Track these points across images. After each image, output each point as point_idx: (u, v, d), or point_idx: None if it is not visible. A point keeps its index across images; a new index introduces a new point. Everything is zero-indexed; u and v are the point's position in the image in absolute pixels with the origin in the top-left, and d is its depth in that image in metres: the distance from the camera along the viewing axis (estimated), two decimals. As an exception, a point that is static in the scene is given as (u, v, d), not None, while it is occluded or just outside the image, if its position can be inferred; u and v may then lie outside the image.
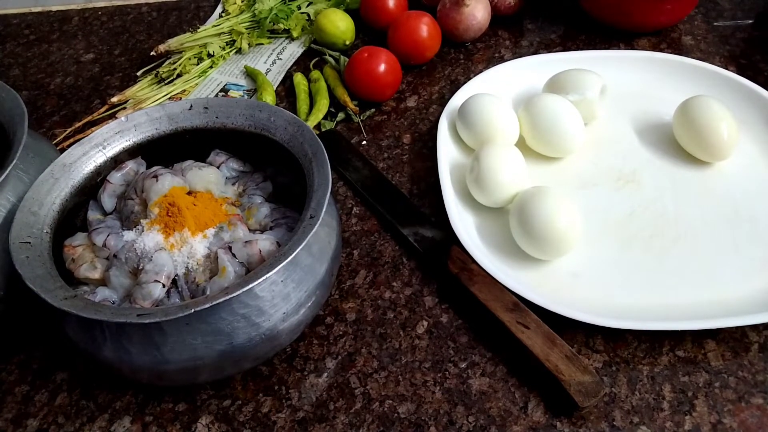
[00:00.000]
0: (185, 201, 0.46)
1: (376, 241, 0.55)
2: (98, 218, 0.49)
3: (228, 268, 0.43)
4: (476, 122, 0.58)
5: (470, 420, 0.44)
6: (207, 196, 0.48)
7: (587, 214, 0.53)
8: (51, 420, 0.46)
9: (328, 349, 0.48)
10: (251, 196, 0.49)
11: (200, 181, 0.49)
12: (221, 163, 0.51)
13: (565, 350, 0.44)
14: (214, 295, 0.39)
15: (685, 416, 0.43)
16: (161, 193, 0.47)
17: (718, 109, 0.56)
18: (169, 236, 0.45)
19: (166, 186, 0.47)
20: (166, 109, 0.51)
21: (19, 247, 0.42)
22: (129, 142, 0.51)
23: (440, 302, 0.51)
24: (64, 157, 0.49)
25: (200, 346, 0.40)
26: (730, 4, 0.76)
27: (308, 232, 0.40)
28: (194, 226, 0.45)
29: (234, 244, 0.44)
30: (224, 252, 0.44)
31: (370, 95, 0.67)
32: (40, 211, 0.45)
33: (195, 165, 0.50)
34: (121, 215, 0.49)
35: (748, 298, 0.48)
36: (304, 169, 0.46)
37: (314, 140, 0.46)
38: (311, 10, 0.79)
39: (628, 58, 0.67)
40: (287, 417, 0.45)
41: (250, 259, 0.44)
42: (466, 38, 0.72)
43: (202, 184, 0.49)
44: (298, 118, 0.48)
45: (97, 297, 0.43)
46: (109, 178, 0.50)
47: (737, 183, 0.56)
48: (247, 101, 0.51)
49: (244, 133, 0.50)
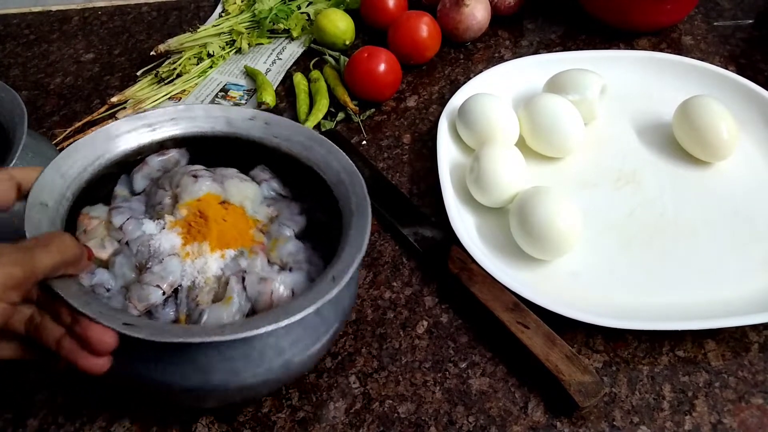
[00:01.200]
0: (216, 212, 0.44)
1: (376, 241, 0.55)
2: (124, 195, 0.47)
3: (234, 298, 0.41)
4: (476, 122, 0.58)
5: (470, 420, 0.44)
6: (239, 212, 0.45)
7: (587, 214, 0.53)
8: (51, 420, 0.45)
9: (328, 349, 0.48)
10: (282, 226, 0.46)
11: (238, 193, 0.46)
12: (263, 181, 0.49)
13: (565, 350, 0.44)
14: (210, 329, 0.37)
15: (685, 416, 0.43)
16: (195, 195, 0.44)
17: (718, 109, 0.56)
18: (188, 244, 0.43)
19: (203, 189, 0.45)
20: (225, 111, 0.49)
21: (35, 207, 0.38)
22: (180, 131, 0.48)
23: (440, 302, 0.51)
24: (111, 128, 0.46)
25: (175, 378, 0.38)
26: (730, 4, 0.76)
27: (323, 295, 0.37)
28: (216, 241, 0.43)
29: (249, 275, 0.42)
30: (237, 281, 0.41)
31: (370, 95, 0.67)
32: (69, 172, 0.42)
33: (237, 175, 0.48)
34: (147, 200, 0.46)
35: (748, 298, 0.48)
36: (344, 222, 0.43)
37: (364, 198, 0.43)
38: (311, 10, 0.79)
39: (628, 58, 0.67)
40: (287, 417, 0.45)
41: (260, 297, 0.41)
42: (466, 38, 0.72)
43: (239, 198, 0.46)
44: (355, 168, 0.45)
45: (94, 279, 0.41)
46: (148, 160, 0.47)
47: (737, 183, 0.56)
48: (311, 132, 0.48)
49: (298, 161, 0.48)
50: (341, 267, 0.39)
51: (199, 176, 0.45)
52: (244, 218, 0.45)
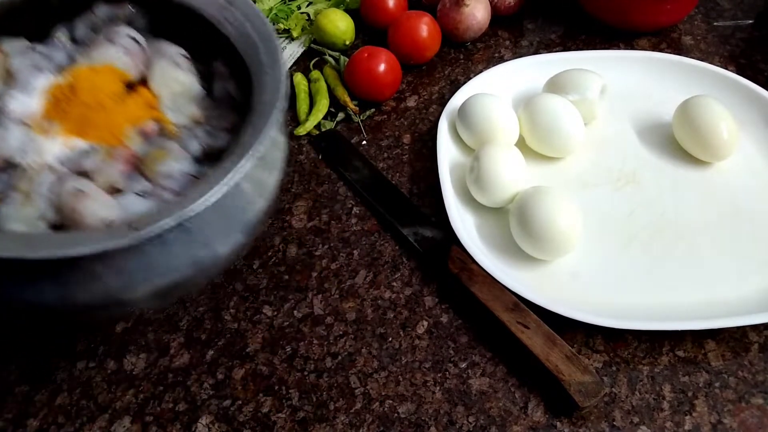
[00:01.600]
0: (96, 92, 0.34)
1: (376, 241, 0.55)
2: (62, 41, 0.38)
3: (36, 203, 0.32)
4: (476, 122, 0.58)
5: (470, 420, 0.44)
6: (134, 102, 0.35)
7: (587, 214, 0.53)
8: (51, 420, 0.46)
9: (328, 349, 0.48)
10: (188, 140, 0.36)
11: (161, 78, 0.36)
12: (218, 77, 0.38)
13: (565, 350, 0.44)
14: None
15: (685, 416, 0.43)
16: (94, 62, 0.35)
17: (718, 109, 0.56)
18: (48, 117, 0.34)
19: (106, 58, 0.35)
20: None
21: None
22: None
23: (440, 302, 0.51)
24: None
25: None
26: (730, 4, 0.76)
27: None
28: (73, 125, 0.34)
29: (63, 181, 0.32)
30: (49, 180, 0.32)
31: (370, 95, 0.67)
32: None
33: (178, 58, 0.37)
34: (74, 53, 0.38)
35: (748, 298, 0.48)
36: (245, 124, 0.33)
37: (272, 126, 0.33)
38: (311, 10, 0.79)
39: (628, 58, 0.67)
40: (287, 417, 0.45)
41: (65, 212, 0.32)
42: (466, 38, 0.72)
43: (159, 84, 0.36)
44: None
45: None
46: (97, 8, 0.40)
47: (737, 183, 0.56)
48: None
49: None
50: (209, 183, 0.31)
51: (115, 42, 0.37)
52: (135, 111, 0.36)
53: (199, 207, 0.30)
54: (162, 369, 0.48)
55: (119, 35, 0.37)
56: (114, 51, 0.36)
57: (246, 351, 0.49)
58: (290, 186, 0.60)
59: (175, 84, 0.37)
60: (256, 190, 0.35)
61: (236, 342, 0.49)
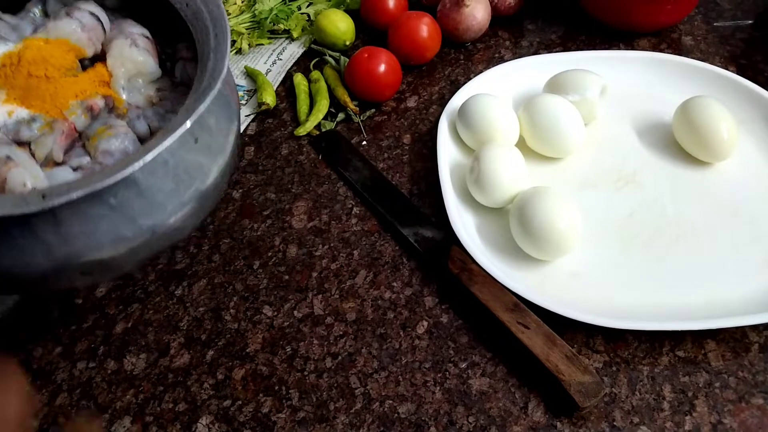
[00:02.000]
0: (42, 63, 0.34)
1: (376, 241, 0.55)
2: (33, 12, 0.38)
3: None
4: (476, 122, 0.58)
5: (470, 420, 0.44)
6: (85, 78, 0.34)
7: (587, 214, 0.53)
8: (51, 420, 0.46)
9: (328, 349, 0.48)
10: (136, 120, 0.36)
11: (118, 57, 0.36)
12: (180, 59, 0.38)
13: (565, 350, 0.44)
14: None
15: (685, 416, 0.43)
16: (49, 35, 0.35)
17: (718, 109, 0.56)
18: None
19: (58, 32, 0.35)
20: None
21: None
22: None
23: (440, 302, 0.51)
24: None
25: None
26: (730, 4, 0.76)
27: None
28: (17, 93, 0.33)
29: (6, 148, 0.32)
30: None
31: (370, 95, 0.67)
32: None
33: (140, 38, 0.37)
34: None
35: (748, 298, 0.48)
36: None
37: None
38: (311, 10, 0.79)
39: (628, 59, 0.67)
40: (287, 417, 0.45)
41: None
42: (466, 38, 0.72)
43: (115, 63, 0.35)
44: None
45: None
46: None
47: (737, 183, 0.56)
48: None
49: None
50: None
51: (73, 16, 0.37)
52: (85, 86, 0.36)
53: (110, 181, 0.30)
54: (162, 369, 0.48)
55: (80, 11, 0.37)
56: (70, 25, 0.36)
57: (246, 351, 0.49)
58: (290, 186, 0.60)
59: (131, 63, 0.37)
60: (189, 172, 0.35)
61: (236, 342, 0.49)
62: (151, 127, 0.36)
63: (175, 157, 0.33)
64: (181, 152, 0.34)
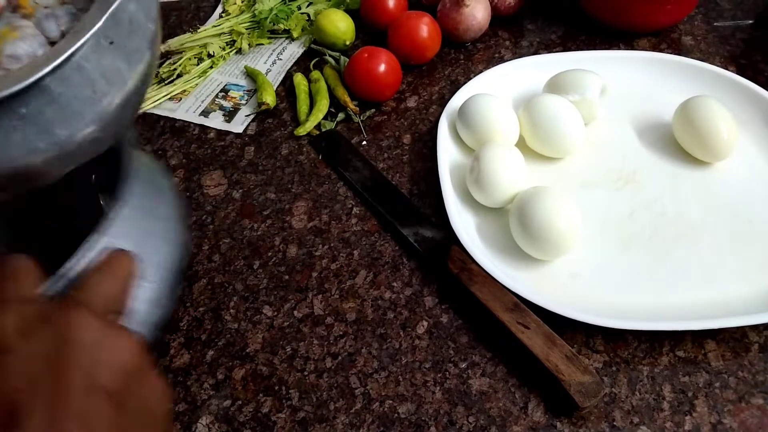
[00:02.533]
0: None
1: (376, 241, 0.55)
2: None
3: None
4: (476, 122, 0.58)
5: (470, 420, 0.44)
6: None
7: (587, 214, 0.53)
8: None
9: (328, 349, 0.48)
10: (46, 21, 0.33)
11: None
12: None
13: (565, 350, 0.44)
14: None
15: (685, 416, 0.43)
16: None
17: (718, 109, 0.56)
18: None
19: None
20: None
21: None
22: None
23: (440, 302, 0.51)
24: None
25: None
26: (730, 4, 0.76)
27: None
28: None
29: None
30: None
31: (370, 95, 0.67)
32: None
33: None
34: None
35: (748, 298, 0.48)
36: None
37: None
38: (311, 10, 0.79)
39: (628, 59, 0.67)
40: (287, 417, 0.45)
41: None
42: (466, 38, 0.72)
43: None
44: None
45: None
46: None
47: (737, 183, 0.56)
48: None
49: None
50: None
51: None
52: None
53: (16, 87, 0.28)
54: (162, 369, 0.48)
55: None
56: None
57: (246, 351, 0.49)
58: (290, 186, 0.60)
59: None
60: (105, 78, 0.33)
61: (236, 342, 0.49)
62: (62, 28, 0.33)
63: (90, 61, 0.31)
64: (95, 56, 0.31)
